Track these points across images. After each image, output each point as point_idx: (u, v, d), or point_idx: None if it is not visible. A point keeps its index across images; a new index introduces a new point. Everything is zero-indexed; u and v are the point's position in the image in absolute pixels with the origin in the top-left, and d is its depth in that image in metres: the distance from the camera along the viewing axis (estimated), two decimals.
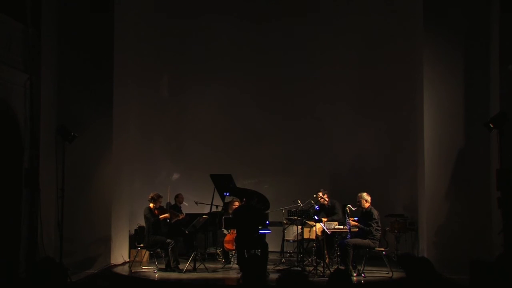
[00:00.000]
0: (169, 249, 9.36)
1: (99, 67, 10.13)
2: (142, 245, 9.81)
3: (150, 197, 9.65)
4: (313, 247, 10.15)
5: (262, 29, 12.62)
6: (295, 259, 10.33)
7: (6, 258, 8.81)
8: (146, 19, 12.15)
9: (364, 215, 9.12)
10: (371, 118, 12.11)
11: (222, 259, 10.60)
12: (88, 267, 9.73)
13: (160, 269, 9.49)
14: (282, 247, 10.78)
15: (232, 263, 10.16)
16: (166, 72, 12.91)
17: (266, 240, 9.55)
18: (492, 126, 8.06)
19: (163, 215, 9.61)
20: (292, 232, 10.43)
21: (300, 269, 9.20)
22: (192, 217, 10.24)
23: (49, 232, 9.44)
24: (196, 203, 11.19)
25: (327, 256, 9.48)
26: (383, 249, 9.07)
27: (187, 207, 11.63)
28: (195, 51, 12.70)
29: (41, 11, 9.53)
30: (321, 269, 9.03)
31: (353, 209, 9.12)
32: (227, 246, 10.34)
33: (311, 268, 9.26)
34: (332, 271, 6.72)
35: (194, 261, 9.46)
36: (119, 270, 9.80)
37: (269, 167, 12.60)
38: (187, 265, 9.37)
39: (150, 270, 9.56)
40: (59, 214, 8.85)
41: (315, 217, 9.64)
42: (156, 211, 9.58)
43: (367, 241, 8.91)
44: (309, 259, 10.07)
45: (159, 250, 9.80)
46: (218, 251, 11.06)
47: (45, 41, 9.62)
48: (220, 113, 12.77)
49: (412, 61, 10.70)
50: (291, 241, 10.73)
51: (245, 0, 12.64)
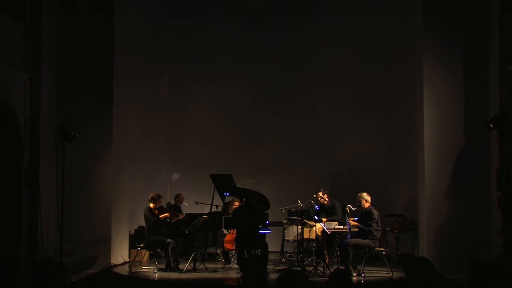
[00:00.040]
0: (169, 249, 9.36)
1: (99, 67, 10.14)
2: (142, 245, 9.81)
3: (150, 197, 9.65)
4: (313, 247, 10.15)
5: (262, 29, 12.62)
6: (295, 259, 10.33)
7: (6, 258, 8.80)
8: (146, 19, 12.15)
9: (364, 215, 9.12)
10: (371, 118, 12.11)
11: (222, 259, 10.60)
12: (88, 267, 9.74)
13: (160, 269, 9.48)
14: (282, 247, 10.78)
15: (232, 263, 10.16)
16: (166, 72, 12.91)
17: (266, 240, 9.55)
18: (492, 126, 8.05)
19: (163, 215, 9.62)
20: (292, 232, 10.43)
21: (300, 269, 9.19)
22: (192, 217, 10.25)
23: (49, 232, 9.45)
24: (196, 203, 11.19)
25: (327, 256, 9.47)
26: (383, 249, 9.07)
27: (187, 207, 11.63)
28: (195, 51, 12.70)
29: (41, 11, 9.53)
30: (321, 269, 9.03)
31: (353, 209, 9.12)
32: (227, 246, 10.34)
33: (311, 268, 9.26)
34: (332, 271, 6.72)
35: (194, 261, 9.46)
36: (119, 270, 9.80)
37: (269, 167, 12.59)
38: (187, 265, 9.37)
39: (150, 270, 9.56)
40: (59, 214, 8.86)
41: (315, 217, 9.65)
42: (156, 211, 9.58)
43: (367, 241, 8.90)
44: (309, 259, 10.07)
45: (159, 250, 9.81)
46: (218, 251, 11.06)
47: (45, 41, 9.63)
48: (220, 113, 12.77)
49: (412, 61, 10.70)
50: (291, 241, 10.74)
51: (245, 0, 12.65)
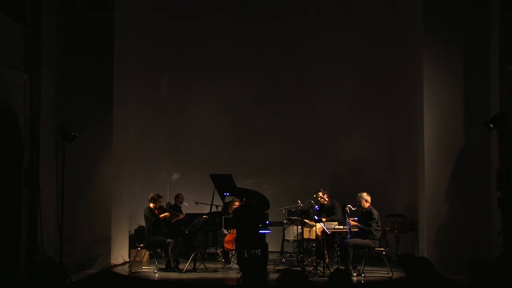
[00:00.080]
0: (169, 249, 9.36)
1: (99, 67, 10.14)
2: (142, 245, 9.81)
3: (150, 197, 9.65)
4: (313, 247, 10.15)
5: (262, 29, 12.62)
6: (295, 259, 10.33)
7: (6, 258, 8.81)
8: (146, 19, 12.15)
9: (364, 215, 9.12)
10: (371, 118, 12.10)
11: (222, 259, 10.60)
12: (88, 267, 9.74)
13: (160, 269, 9.49)
14: (282, 247, 10.78)
15: (232, 263, 10.16)
16: (166, 72, 12.91)
17: (266, 240, 9.55)
18: (492, 126, 8.05)
19: (163, 214, 9.62)
20: (292, 232, 10.43)
21: (300, 269, 9.19)
22: (192, 217, 10.25)
23: (49, 232, 9.45)
24: (196, 203, 11.18)
25: (327, 256, 9.47)
26: (383, 249, 9.07)
27: (187, 207, 11.63)
28: (195, 51, 12.70)
29: (41, 11, 9.54)
30: (321, 269, 9.03)
31: (353, 209, 9.12)
32: (227, 246, 10.34)
33: (311, 268, 9.26)
34: (332, 271, 6.72)
35: (194, 261, 9.46)
36: (119, 270, 9.80)
37: (269, 167, 12.59)
38: (187, 265, 9.37)
39: (150, 270, 9.56)
40: (59, 214, 8.85)
41: (315, 217, 9.65)
42: (156, 211, 9.58)
43: (367, 241, 8.91)
44: (309, 259, 10.07)
45: (159, 250, 9.81)
46: (218, 251, 11.06)
47: (45, 41, 9.63)
48: (220, 113, 12.76)
49: (412, 61, 10.70)
50: (291, 241, 10.74)
51: (245, 0, 12.65)
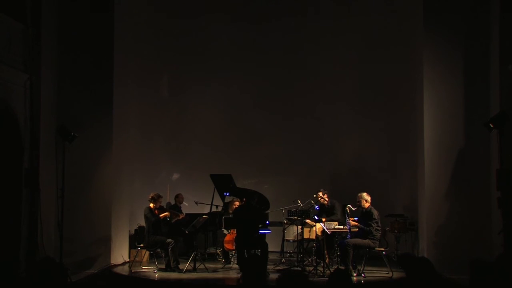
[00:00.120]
0: (169, 249, 9.36)
1: (99, 67, 10.14)
2: (142, 245, 9.81)
3: (150, 197, 9.65)
4: (313, 247, 10.16)
5: (262, 29, 12.62)
6: (295, 259, 10.33)
7: (6, 258, 8.81)
8: (146, 19, 12.15)
9: (364, 215, 9.12)
10: (371, 118, 12.10)
11: (222, 259, 10.60)
12: (88, 267, 9.74)
13: (160, 269, 9.48)
14: (282, 247, 10.78)
15: (232, 263, 10.16)
16: (166, 72, 12.91)
17: (266, 240, 9.55)
18: (492, 126, 8.05)
19: (163, 214, 9.62)
20: (292, 232, 10.43)
21: (300, 269, 9.19)
22: (192, 217, 10.25)
23: (49, 232, 9.45)
24: (196, 203, 11.18)
25: (327, 256, 9.47)
26: (383, 249, 9.07)
27: (187, 207, 11.63)
28: (195, 51, 12.70)
29: (41, 11, 9.53)
30: (321, 269, 9.03)
31: (353, 209, 9.12)
32: (227, 246, 10.34)
33: (311, 268, 9.26)
34: (332, 271, 6.72)
35: (194, 261, 9.46)
36: (119, 270, 9.80)
37: (269, 167, 12.59)
38: (187, 265, 9.37)
39: (150, 270, 9.56)
40: (59, 214, 8.86)
41: (315, 217, 9.65)
42: (156, 211, 9.58)
43: (367, 241, 8.90)
44: (309, 259, 10.07)
45: (159, 250, 9.81)
46: (218, 251, 11.06)
47: (45, 41, 9.63)
48: (220, 113, 12.76)
49: (412, 61, 10.70)
50: (291, 241, 10.73)
51: (245, 0, 12.65)
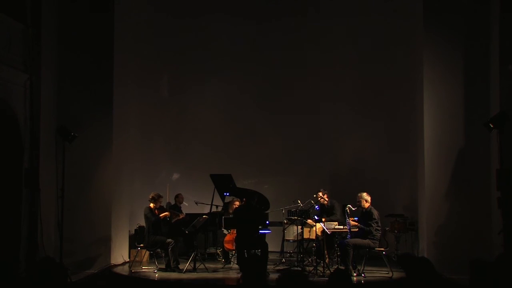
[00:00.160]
0: (169, 249, 9.36)
1: (99, 67, 10.14)
2: (142, 245, 9.81)
3: (150, 197, 9.65)
4: (313, 247, 10.16)
5: (262, 29, 12.62)
6: (295, 259, 10.33)
7: (6, 258, 8.81)
8: (146, 19, 12.15)
9: (364, 215, 9.11)
10: (371, 118, 12.10)
11: (222, 259, 10.60)
12: (88, 267, 9.74)
13: (160, 269, 9.48)
14: (282, 247, 10.78)
15: (232, 263, 10.16)
16: (166, 72, 12.91)
17: (266, 240, 9.54)
18: (492, 126, 8.05)
19: (163, 214, 9.62)
20: (292, 232, 10.43)
21: (300, 269, 9.19)
22: (192, 217, 10.25)
23: (49, 232, 9.45)
24: (196, 203, 11.18)
25: (327, 256, 9.47)
26: (383, 249, 9.06)
27: (187, 207, 11.63)
28: (195, 51, 12.70)
29: (41, 11, 9.53)
30: (321, 269, 9.03)
31: (353, 209, 9.11)
32: (227, 246, 10.34)
33: (311, 268, 9.26)
34: (332, 271, 6.72)
35: (194, 261, 9.46)
36: (119, 270, 9.80)
37: (269, 167, 12.59)
38: (187, 265, 9.37)
39: (150, 270, 9.56)
40: (59, 214, 8.86)
41: (315, 217, 9.65)
42: (156, 211, 9.59)
43: (367, 241, 8.90)
44: (309, 259, 10.07)
45: (159, 250, 9.81)
46: (218, 251, 11.06)
47: (45, 41, 9.63)
48: (220, 113, 12.76)
49: (412, 61, 10.70)
50: (291, 241, 10.73)
51: (245, 0, 12.65)
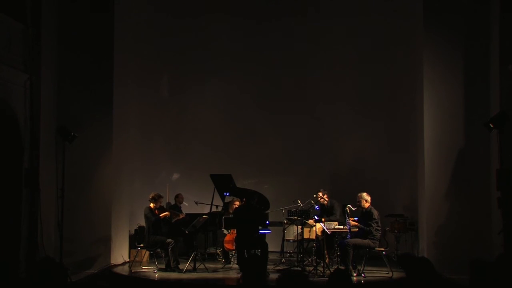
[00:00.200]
0: (169, 249, 9.36)
1: (99, 67, 10.14)
2: (142, 245, 9.81)
3: (150, 197, 9.66)
4: (313, 247, 10.16)
5: (262, 29, 12.61)
6: (295, 259, 10.33)
7: (6, 258, 8.81)
8: (146, 19, 12.14)
9: (364, 215, 9.11)
10: (371, 118, 12.10)
11: (222, 259, 10.60)
12: (88, 267, 9.74)
13: (160, 269, 9.48)
14: (282, 247, 10.78)
15: (232, 263, 10.16)
16: (166, 72, 12.91)
17: (266, 240, 9.54)
18: (492, 126, 8.05)
19: (163, 213, 9.62)
20: (292, 232, 10.43)
21: (300, 269, 9.19)
22: (192, 217, 10.24)
23: (49, 232, 9.45)
24: (196, 203, 11.18)
25: (327, 256, 9.47)
26: (383, 249, 9.06)
27: (187, 207, 11.63)
28: (195, 51, 12.70)
29: (41, 11, 9.53)
30: (321, 269, 9.03)
31: (353, 209, 9.11)
32: (227, 246, 10.34)
33: (311, 268, 9.26)
34: (332, 271, 6.72)
35: (194, 261, 9.46)
36: (119, 270, 9.80)
37: (269, 167, 12.59)
38: (187, 265, 9.37)
39: (150, 270, 9.56)
40: (59, 214, 8.86)
41: (315, 217, 9.66)
42: (156, 211, 9.59)
43: (367, 241, 8.90)
44: (309, 259, 10.07)
45: (159, 250, 9.81)
46: (218, 251, 11.06)
47: (45, 41, 9.62)
48: (220, 113, 12.76)
49: (412, 61, 10.70)
50: (291, 241, 10.73)
51: (245, 0, 12.65)
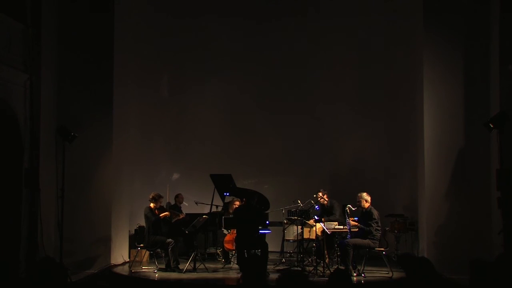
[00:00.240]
0: (169, 249, 9.36)
1: (99, 67, 10.14)
2: (142, 245, 9.81)
3: (151, 197, 9.66)
4: (313, 247, 10.16)
5: (262, 29, 12.62)
6: (295, 259, 10.33)
7: (6, 258, 8.81)
8: (146, 19, 12.14)
9: (364, 215, 9.11)
10: (371, 118, 12.11)
11: (222, 259, 10.60)
12: (88, 267, 9.74)
13: (160, 269, 9.48)
14: (282, 247, 10.78)
15: (232, 263, 10.16)
16: (166, 72, 12.91)
17: (266, 240, 9.55)
18: (492, 126, 8.05)
19: (163, 213, 9.62)
20: (292, 232, 10.43)
21: (300, 269, 9.19)
22: (192, 217, 10.24)
23: (49, 232, 9.45)
24: (196, 203, 11.18)
25: (327, 256, 9.47)
26: (383, 249, 9.06)
27: (187, 207, 11.63)
28: (195, 51, 12.71)
29: (41, 11, 9.53)
30: (321, 269, 9.03)
31: (353, 209, 9.11)
32: (227, 246, 10.35)
33: (311, 268, 9.26)
34: (332, 271, 6.72)
35: (194, 261, 9.46)
36: (119, 270, 9.80)
37: (269, 167, 12.59)
38: (187, 265, 9.37)
39: (150, 270, 9.56)
40: (59, 214, 8.86)
41: (315, 217, 9.66)
42: (156, 211, 9.59)
43: (367, 241, 8.90)
44: (309, 259, 10.07)
45: (159, 250, 9.81)
46: (218, 251, 11.06)
47: (45, 41, 9.62)
48: (220, 113, 12.77)
49: (412, 61, 10.70)
50: (291, 241, 10.73)
51: (245, 0, 12.65)
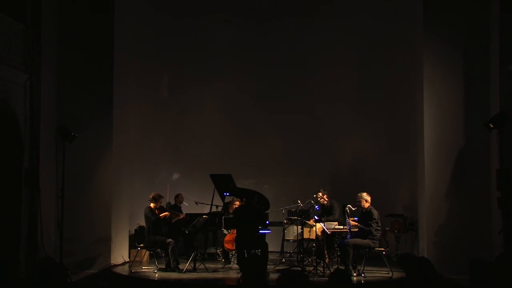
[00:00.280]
0: (169, 249, 9.36)
1: (99, 67, 10.14)
2: (142, 245, 9.81)
3: (151, 196, 9.66)
4: (313, 247, 10.16)
5: (262, 29, 12.62)
6: (295, 259, 10.33)
7: (6, 258, 8.81)
8: (146, 19, 12.14)
9: (364, 215, 9.12)
10: (371, 118, 12.11)
11: (222, 259, 10.60)
12: (88, 267, 9.74)
13: (160, 269, 9.48)
14: (282, 247, 10.78)
15: (232, 263, 10.16)
16: (166, 72, 12.91)
17: (266, 240, 9.55)
18: (492, 126, 8.05)
19: (163, 213, 9.62)
20: (292, 232, 10.44)
21: (300, 269, 9.19)
22: (192, 217, 10.24)
23: (49, 232, 9.45)
24: (196, 203, 11.18)
25: (327, 256, 9.48)
26: (383, 249, 9.06)
27: (187, 207, 11.63)
28: (195, 51, 12.70)
29: (41, 11, 9.53)
30: (321, 269, 9.03)
31: (353, 209, 9.12)
32: (227, 246, 10.35)
33: (311, 268, 9.26)
34: (332, 271, 6.71)
35: (194, 261, 9.46)
36: (119, 270, 9.80)
37: (269, 167, 12.59)
38: (187, 265, 9.37)
39: (150, 270, 9.56)
40: (59, 214, 8.86)
41: (315, 217, 9.66)
42: (156, 211, 9.59)
43: (367, 241, 8.90)
44: (309, 259, 10.07)
45: (159, 250, 9.81)
46: (218, 251, 11.06)
47: (45, 41, 9.62)
48: (220, 113, 12.77)
49: (412, 61, 10.70)
50: (291, 241, 10.74)
51: (245, 0, 12.65)
